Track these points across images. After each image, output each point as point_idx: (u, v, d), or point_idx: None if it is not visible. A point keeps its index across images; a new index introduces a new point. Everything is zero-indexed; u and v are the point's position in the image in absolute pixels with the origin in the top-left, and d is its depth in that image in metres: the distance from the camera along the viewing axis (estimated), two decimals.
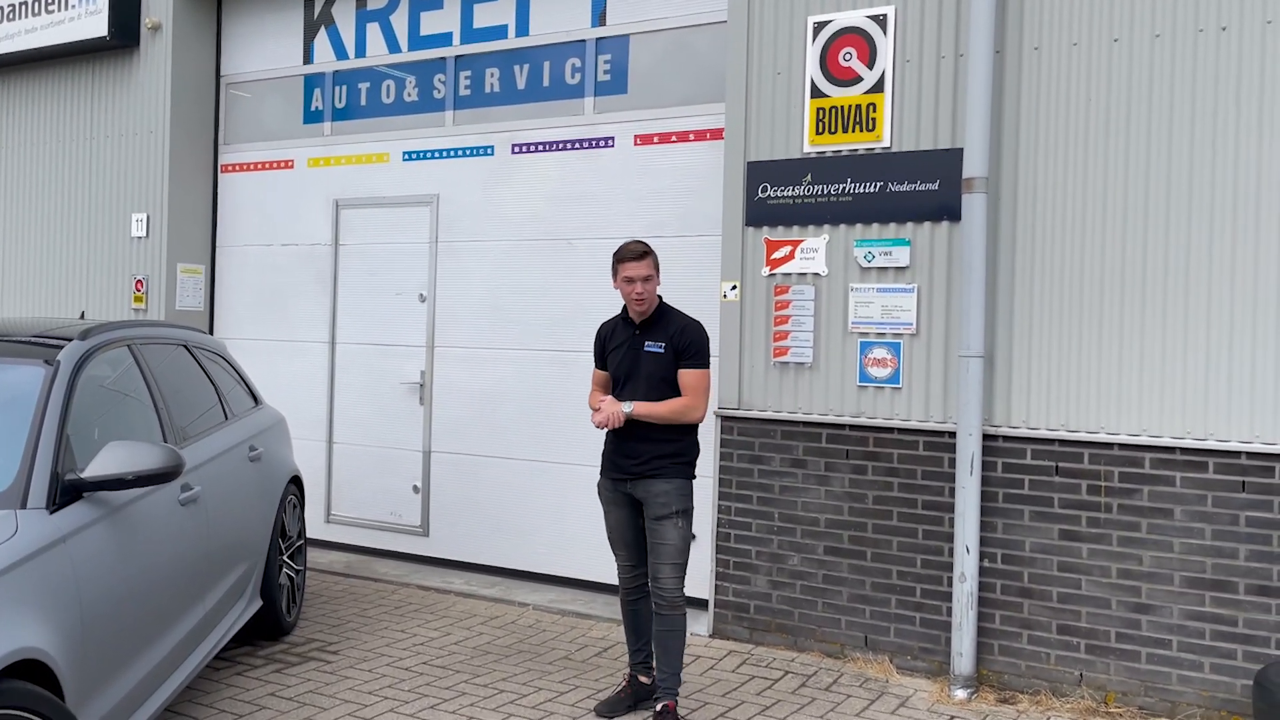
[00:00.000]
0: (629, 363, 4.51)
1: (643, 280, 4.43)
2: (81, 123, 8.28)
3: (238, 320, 7.97)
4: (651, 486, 4.42)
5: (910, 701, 4.81)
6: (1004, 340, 5.00)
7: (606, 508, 4.62)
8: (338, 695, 4.73)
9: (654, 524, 4.42)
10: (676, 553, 4.39)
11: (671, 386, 4.47)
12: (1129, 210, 4.75)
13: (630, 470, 4.46)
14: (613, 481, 4.55)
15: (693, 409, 4.45)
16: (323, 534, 7.45)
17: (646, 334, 4.51)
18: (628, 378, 4.50)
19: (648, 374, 4.46)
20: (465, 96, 6.97)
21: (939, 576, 5.12)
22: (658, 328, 4.51)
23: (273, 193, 7.78)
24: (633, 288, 4.43)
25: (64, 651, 3.06)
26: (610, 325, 4.68)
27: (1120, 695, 4.74)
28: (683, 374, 4.46)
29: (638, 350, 4.50)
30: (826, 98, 5.40)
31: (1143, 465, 4.72)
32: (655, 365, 4.46)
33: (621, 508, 4.56)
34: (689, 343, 4.47)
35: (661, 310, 4.55)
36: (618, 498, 4.56)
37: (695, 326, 4.52)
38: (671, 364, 4.46)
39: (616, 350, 4.56)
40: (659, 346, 4.47)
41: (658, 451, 4.43)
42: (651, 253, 4.50)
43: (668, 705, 4.38)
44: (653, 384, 4.45)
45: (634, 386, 4.48)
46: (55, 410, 3.52)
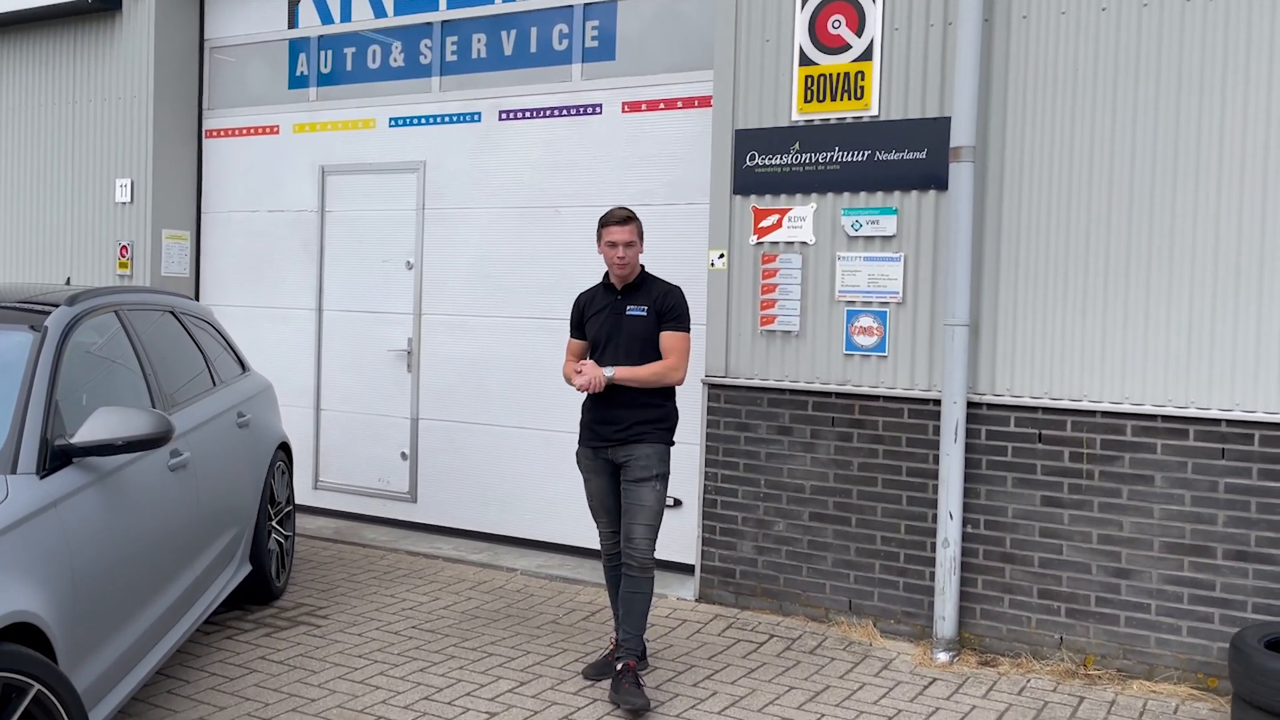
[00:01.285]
0: (610, 326, 4.54)
1: (625, 245, 4.47)
2: (64, 87, 8.19)
3: (224, 286, 7.94)
4: (633, 450, 4.46)
5: (893, 664, 4.89)
6: (989, 309, 5.04)
7: (587, 476, 4.65)
8: (327, 659, 4.78)
9: (632, 486, 4.47)
10: (652, 515, 4.44)
11: (653, 349, 4.52)
12: (1114, 179, 4.78)
13: (611, 437, 4.49)
14: (593, 449, 4.58)
15: (674, 370, 4.50)
16: (311, 500, 7.48)
17: (628, 298, 4.56)
18: (608, 341, 4.53)
19: (629, 336, 4.50)
20: (452, 62, 6.93)
21: (922, 542, 5.19)
22: (640, 292, 4.56)
23: (258, 159, 7.73)
24: (615, 252, 4.48)
25: (56, 615, 3.08)
26: (589, 294, 4.72)
27: (1099, 658, 4.82)
28: (665, 336, 4.51)
29: (619, 314, 4.54)
30: (815, 65, 5.39)
31: (1124, 433, 4.78)
32: (637, 328, 4.51)
33: (602, 475, 4.60)
34: (671, 305, 4.53)
35: (643, 276, 4.61)
36: (598, 465, 4.59)
37: (677, 291, 4.59)
38: (653, 326, 4.51)
39: (597, 315, 4.59)
40: (641, 309, 4.52)
41: (639, 418, 4.48)
42: (635, 219, 4.54)
43: (628, 664, 4.37)
44: (634, 346, 4.50)
45: (615, 350, 4.51)
46: (44, 376, 3.51)
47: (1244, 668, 3.95)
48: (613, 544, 4.67)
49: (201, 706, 4.21)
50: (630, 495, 4.48)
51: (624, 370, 4.45)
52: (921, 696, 4.52)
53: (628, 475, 4.49)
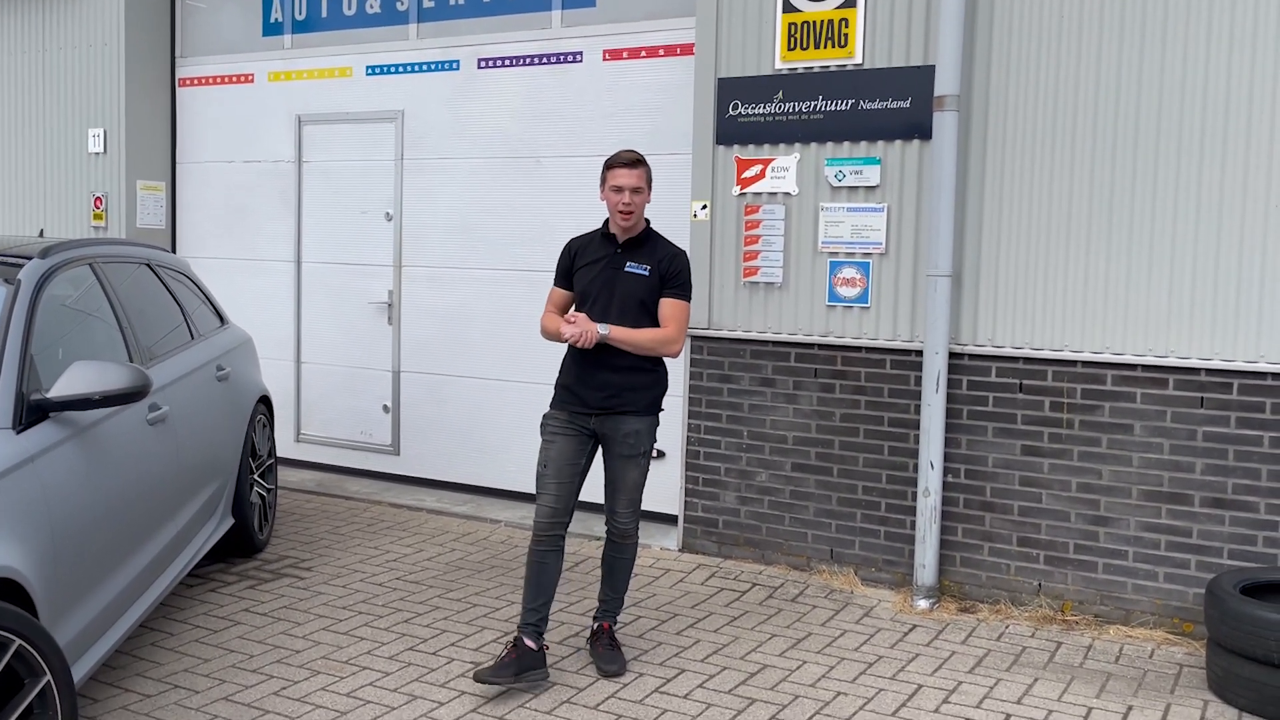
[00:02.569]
0: (604, 280, 4.12)
1: (632, 190, 4.04)
2: (34, 35, 8.01)
3: (200, 238, 7.84)
4: (621, 424, 4.11)
5: (874, 612, 4.95)
6: (972, 259, 5.03)
7: (550, 439, 4.13)
8: (312, 610, 4.79)
9: (618, 461, 4.16)
10: (637, 489, 4.20)
11: (648, 314, 4.13)
12: (1098, 129, 4.76)
13: (597, 404, 4.10)
14: (571, 414, 4.14)
15: (672, 342, 4.13)
16: (293, 453, 7.46)
17: (629, 253, 4.14)
18: (599, 297, 4.12)
19: (625, 295, 4.09)
20: (429, 9, 6.80)
21: (903, 491, 5.23)
22: (643, 249, 4.15)
23: (233, 108, 7.60)
24: (620, 197, 4.04)
25: (36, 570, 3.07)
26: (584, 240, 4.27)
27: (1077, 604, 4.89)
28: (667, 303, 4.13)
29: (617, 268, 4.12)
30: (799, 12, 5.32)
31: (1104, 382, 4.81)
32: (635, 286, 4.10)
33: (570, 440, 4.12)
34: (678, 270, 4.14)
35: (648, 233, 4.19)
36: (571, 429, 4.13)
37: (684, 256, 4.20)
38: (654, 289, 4.11)
39: (590, 266, 4.16)
40: (643, 269, 4.11)
41: (629, 384, 4.10)
42: (645, 163, 4.11)
43: (604, 625, 4.31)
44: (628, 307, 4.09)
45: (606, 307, 4.10)
46: (18, 330, 3.47)
47: (1219, 613, 4.01)
48: (550, 524, 4.08)
49: (186, 659, 4.23)
50: (615, 471, 4.18)
51: (620, 330, 4.04)
52: (902, 643, 4.57)
53: (614, 450, 4.15)
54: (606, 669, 4.20)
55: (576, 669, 4.23)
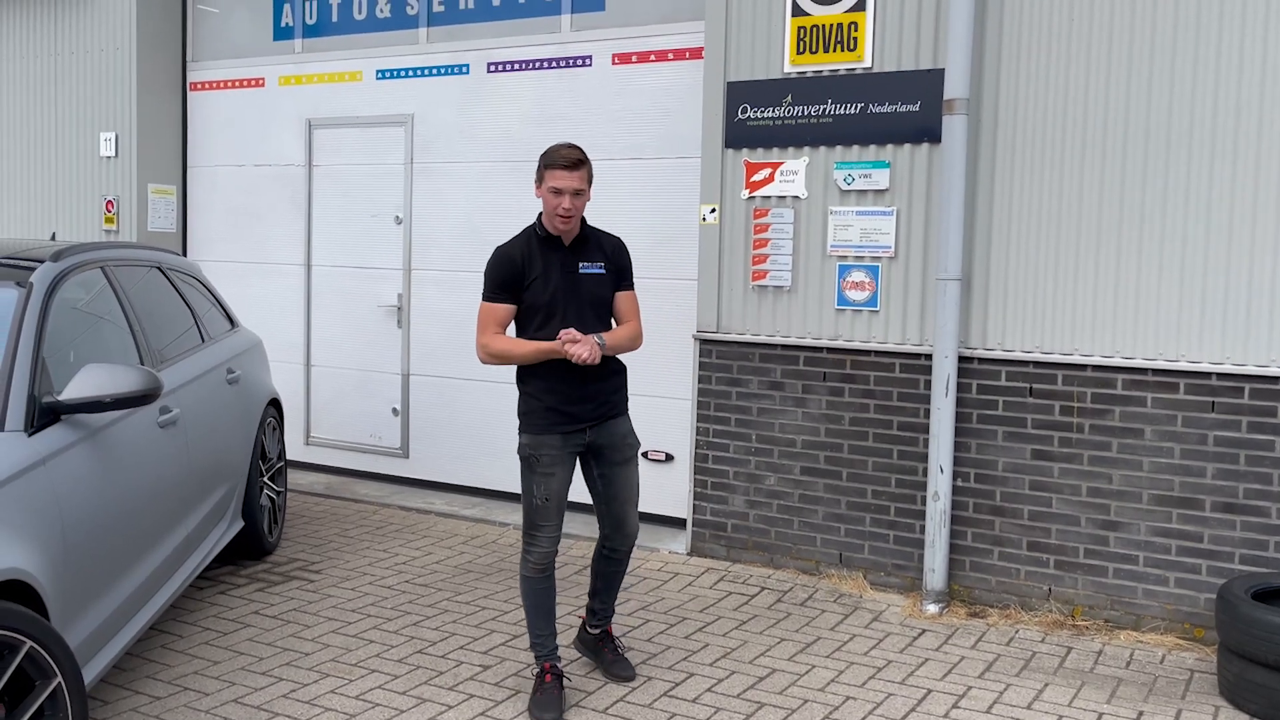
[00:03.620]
0: (565, 288, 3.86)
1: (573, 194, 3.77)
2: (46, 39, 8.05)
3: (211, 242, 7.87)
4: (615, 429, 3.97)
5: (883, 616, 4.94)
6: (981, 263, 5.02)
7: (549, 471, 3.86)
8: (321, 613, 4.80)
9: (617, 469, 3.99)
10: (637, 492, 4.08)
11: (609, 312, 3.98)
12: (1109, 132, 4.74)
13: (590, 416, 3.91)
14: (564, 436, 3.87)
15: (641, 334, 4.02)
16: (303, 456, 7.48)
17: (579, 254, 3.92)
18: (566, 305, 3.85)
19: (590, 298, 3.90)
20: (439, 13, 6.82)
21: (913, 495, 5.21)
22: (589, 247, 3.94)
23: (244, 112, 7.62)
24: (560, 201, 3.76)
25: (47, 572, 3.08)
26: (521, 248, 3.89)
27: (1087, 609, 4.87)
28: (625, 296, 3.99)
29: (573, 273, 3.89)
30: (808, 16, 5.32)
31: (1115, 386, 4.79)
32: (596, 287, 3.92)
33: (567, 467, 3.91)
34: (628, 262, 4.03)
35: (587, 228, 3.96)
36: (565, 455, 3.89)
37: (624, 244, 4.06)
38: (612, 285, 3.96)
39: (542, 278, 3.85)
40: (598, 267, 3.92)
41: (614, 386, 3.97)
42: (587, 162, 3.82)
43: (608, 630, 4.28)
44: (596, 310, 3.91)
45: (578, 314, 3.86)
46: (30, 332, 3.48)
47: (1230, 618, 3.99)
48: (551, 552, 3.93)
49: (196, 661, 4.24)
50: (618, 481, 4.00)
51: (610, 336, 3.89)
52: (911, 648, 4.56)
53: (612, 458, 3.97)
54: (623, 675, 4.18)
55: (584, 673, 4.23)
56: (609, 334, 3.90)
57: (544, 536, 3.91)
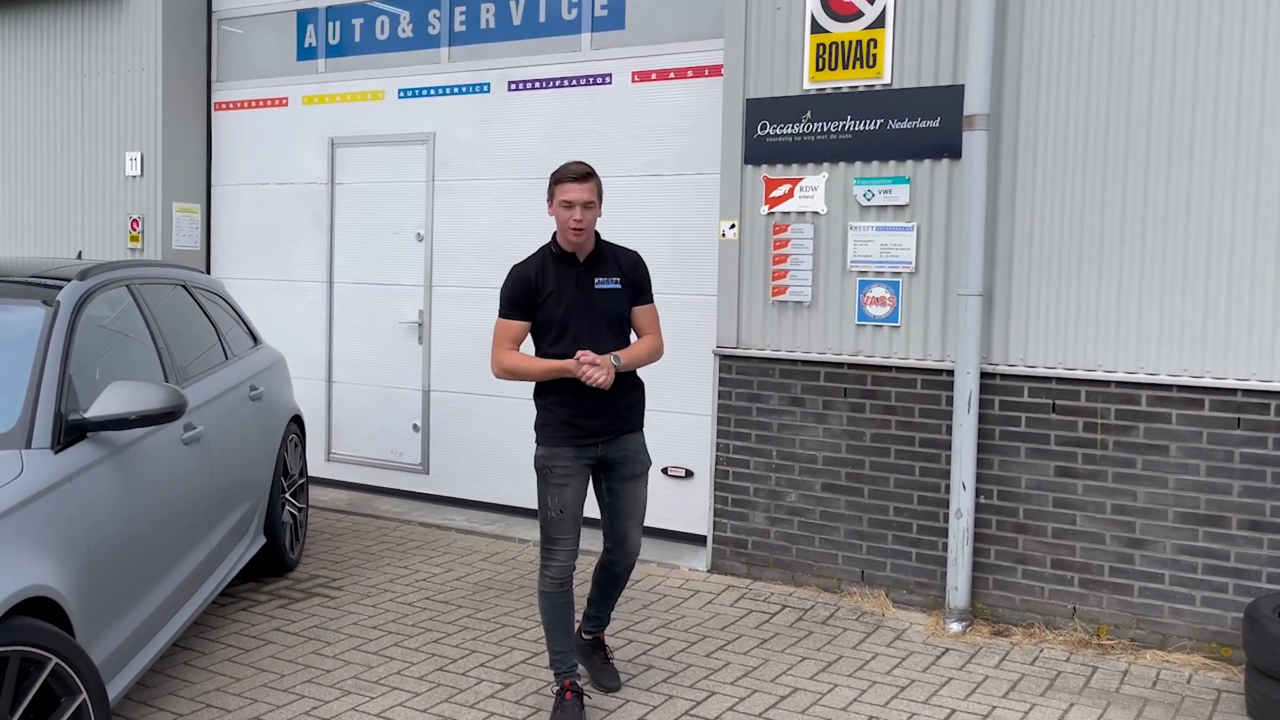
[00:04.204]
0: (580, 304, 3.90)
1: (583, 206, 3.83)
2: (73, 60, 8.16)
3: (234, 260, 7.94)
4: (628, 443, 4.00)
5: (906, 634, 4.90)
6: (1003, 278, 5.00)
7: (563, 482, 3.91)
8: (342, 630, 4.81)
9: (628, 485, 4.02)
10: (644, 510, 4.11)
11: (626, 327, 4.02)
12: (1131, 147, 4.72)
13: (605, 430, 3.94)
14: (577, 449, 3.92)
15: (661, 347, 4.07)
16: (324, 472, 7.51)
17: (594, 269, 3.95)
18: (581, 323, 3.89)
19: (606, 314, 3.93)
20: (461, 33, 6.88)
21: (935, 513, 5.18)
22: (604, 261, 3.97)
23: (267, 131, 7.70)
24: (571, 214, 3.83)
25: (72, 588, 3.11)
26: (536, 266, 3.96)
27: (1113, 628, 4.82)
28: (644, 310, 4.04)
29: (587, 290, 3.92)
30: (827, 33, 5.33)
31: (1139, 403, 4.75)
32: (612, 303, 3.95)
33: (581, 479, 3.95)
34: (645, 276, 4.05)
35: (601, 243, 4.01)
36: (580, 467, 3.94)
37: (642, 258, 4.10)
38: (629, 301, 3.99)
39: (556, 294, 3.90)
40: (613, 282, 3.95)
41: (630, 401, 4.01)
42: (595, 175, 3.91)
43: (600, 638, 4.34)
44: (612, 324, 3.94)
45: (593, 332, 3.90)
46: (57, 351, 3.52)
47: (1258, 637, 3.94)
48: (569, 565, 3.95)
49: (218, 678, 4.25)
50: (626, 496, 4.03)
51: (626, 354, 3.92)
52: (934, 666, 4.53)
53: (623, 473, 4.01)
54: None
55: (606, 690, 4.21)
56: (625, 351, 3.93)
57: (560, 550, 3.95)
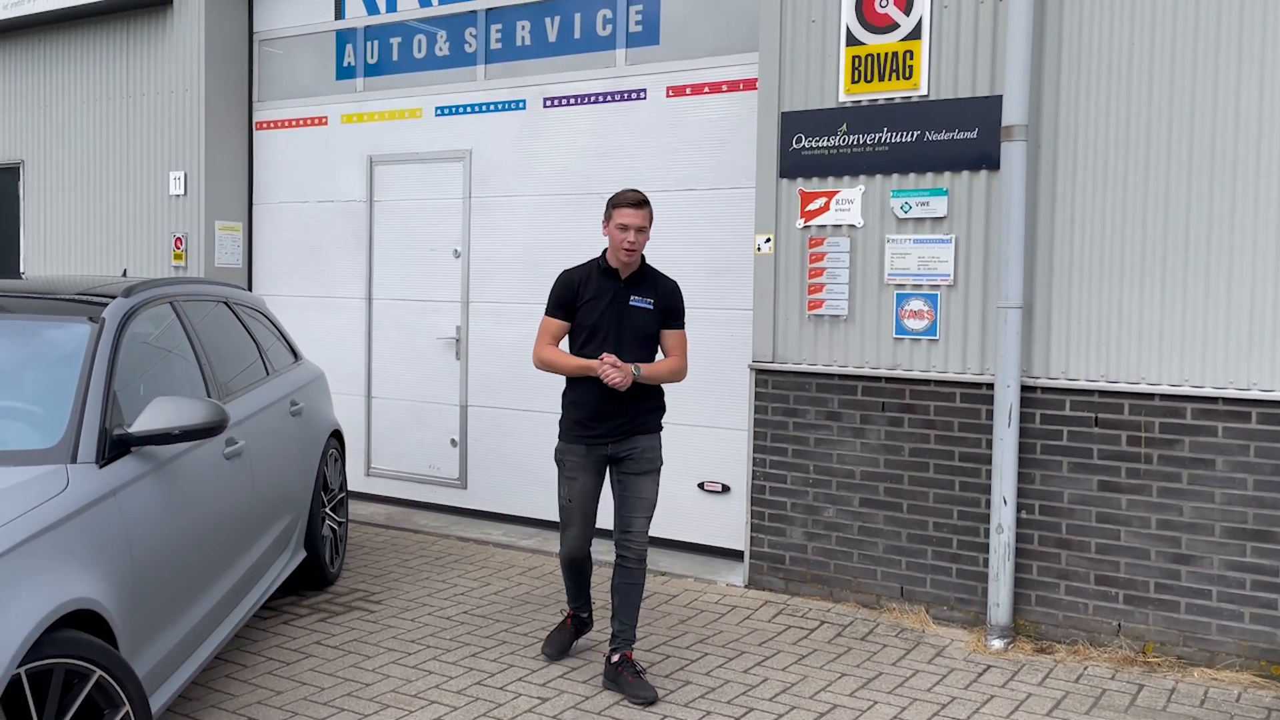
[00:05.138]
0: (611, 315, 4.34)
1: (637, 230, 4.27)
2: (118, 82, 8.33)
3: (275, 277, 8.04)
4: (639, 442, 4.38)
5: (946, 651, 4.84)
6: (1043, 291, 4.95)
7: (573, 475, 4.42)
8: (381, 644, 4.83)
9: (634, 478, 4.38)
10: (651, 506, 4.42)
11: (652, 344, 4.41)
12: (1173, 156, 4.66)
13: (614, 432, 4.35)
14: (588, 446, 4.38)
15: (684, 370, 4.45)
16: (363, 487, 7.57)
17: (632, 288, 4.37)
18: (609, 331, 4.33)
19: (632, 329, 4.34)
20: (496, 50, 6.94)
21: (976, 528, 5.12)
22: (644, 284, 4.40)
23: (307, 149, 7.80)
24: (625, 236, 4.26)
25: (116, 602, 3.15)
26: (582, 274, 4.43)
27: (1159, 645, 4.73)
28: (670, 334, 4.42)
29: (622, 303, 4.35)
30: (862, 45, 5.32)
31: (1184, 416, 4.68)
32: (642, 320, 4.36)
33: (591, 473, 4.41)
34: (679, 304, 4.46)
35: (645, 266, 4.44)
36: (590, 462, 4.40)
37: (679, 288, 4.51)
38: (658, 322, 4.39)
39: (594, 301, 4.36)
40: (647, 302, 4.37)
41: (645, 409, 4.40)
42: (649, 203, 4.35)
43: (626, 655, 4.36)
44: (637, 340, 4.35)
45: (617, 341, 4.33)
46: (102, 366, 3.58)
47: None
48: (580, 546, 4.49)
49: (259, 690, 4.29)
50: (632, 488, 4.39)
51: (647, 368, 4.33)
52: (976, 684, 4.47)
53: (631, 468, 4.39)
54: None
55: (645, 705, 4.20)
56: (648, 365, 4.35)
57: (569, 536, 4.48)
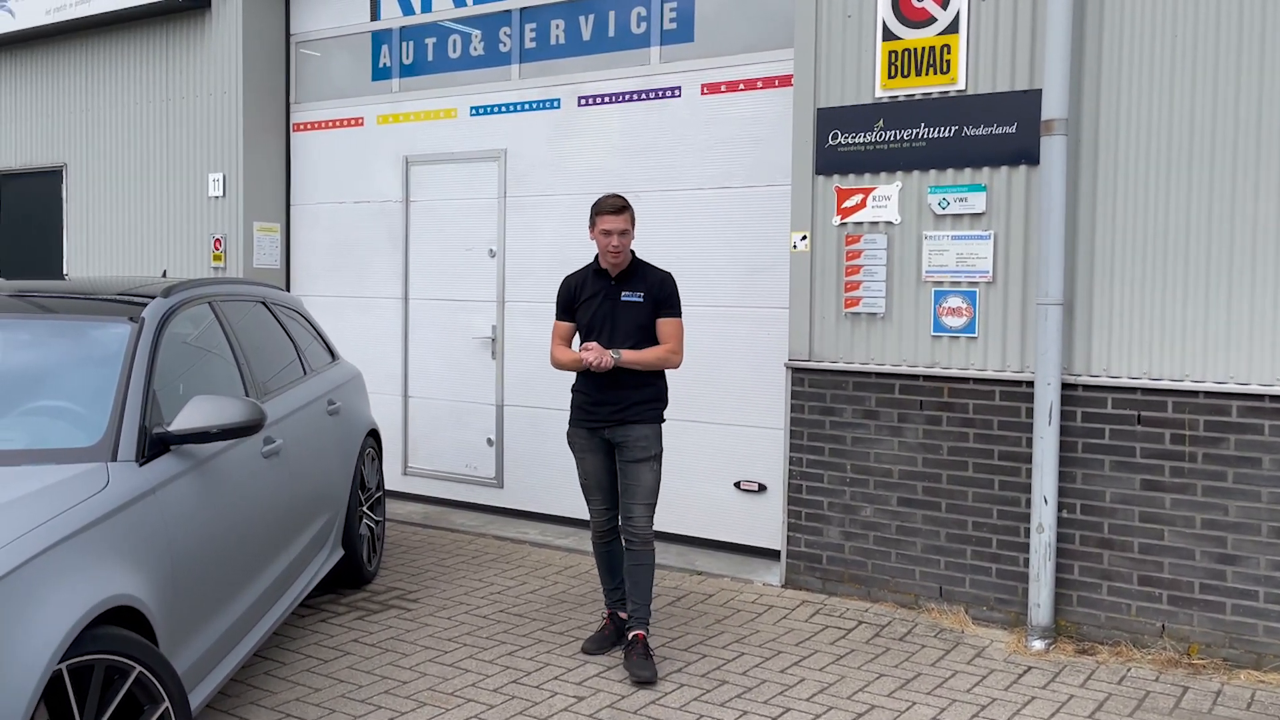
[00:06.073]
0: (605, 312, 4.62)
1: (619, 234, 4.55)
2: (158, 85, 8.44)
3: (313, 277, 8.10)
4: (631, 431, 4.59)
5: (986, 652, 4.78)
6: (1084, 287, 4.87)
7: (581, 455, 4.75)
8: (418, 642, 4.85)
9: (630, 466, 4.59)
10: (649, 493, 4.60)
11: (647, 336, 4.61)
12: (1216, 148, 4.57)
13: (608, 417, 4.60)
14: (589, 430, 4.68)
15: (674, 355, 4.62)
16: (400, 486, 7.61)
17: (622, 284, 4.64)
18: (603, 326, 4.62)
19: (625, 323, 4.60)
20: (531, 49, 6.94)
21: (1016, 527, 5.06)
22: (634, 279, 4.64)
23: (344, 150, 7.86)
24: (609, 240, 4.55)
25: (156, 599, 3.18)
26: (579, 277, 4.77)
27: (1204, 647, 4.65)
28: (663, 323, 4.62)
29: (615, 300, 4.62)
30: (899, 40, 5.26)
31: (1229, 413, 4.58)
32: (633, 314, 4.60)
33: (597, 454, 4.70)
34: (668, 294, 4.64)
35: (635, 262, 4.68)
36: (594, 444, 4.69)
37: (671, 278, 4.69)
38: (649, 313, 4.61)
39: (590, 300, 4.66)
40: (637, 296, 4.61)
41: (637, 398, 4.60)
42: (629, 208, 4.63)
43: (638, 635, 4.53)
44: (630, 333, 4.59)
45: (611, 335, 4.60)
46: (142, 366, 3.62)
47: None
48: (604, 520, 4.77)
49: (298, 688, 4.32)
50: (628, 476, 4.60)
51: (630, 353, 4.55)
52: (1016, 685, 4.41)
53: (626, 456, 4.60)
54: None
55: (680, 704, 4.19)
56: (630, 351, 4.57)
57: (592, 508, 4.81)
